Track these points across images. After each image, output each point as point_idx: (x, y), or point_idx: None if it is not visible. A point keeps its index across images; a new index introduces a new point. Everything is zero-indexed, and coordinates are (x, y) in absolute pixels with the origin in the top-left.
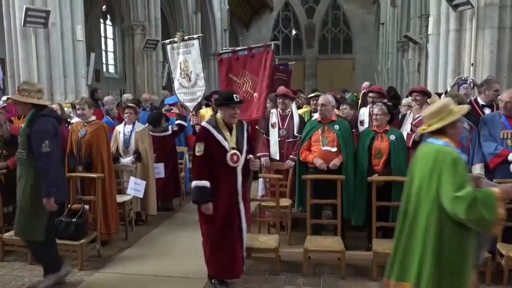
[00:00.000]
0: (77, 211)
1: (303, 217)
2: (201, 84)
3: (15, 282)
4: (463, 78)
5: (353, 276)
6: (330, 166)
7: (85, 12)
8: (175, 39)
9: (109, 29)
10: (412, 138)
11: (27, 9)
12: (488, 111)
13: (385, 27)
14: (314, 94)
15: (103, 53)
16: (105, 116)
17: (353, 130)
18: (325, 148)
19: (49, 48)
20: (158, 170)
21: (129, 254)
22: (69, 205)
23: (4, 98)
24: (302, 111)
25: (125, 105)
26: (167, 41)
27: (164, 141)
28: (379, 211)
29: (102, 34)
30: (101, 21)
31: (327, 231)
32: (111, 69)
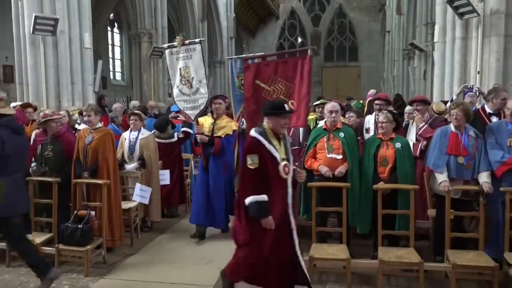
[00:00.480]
0: (83, 217)
1: (309, 224)
2: (203, 91)
3: (21, 287)
4: (469, 86)
5: (358, 284)
6: (336, 173)
7: (93, 20)
8: (174, 44)
9: (117, 37)
10: (419, 148)
11: (36, 17)
12: (495, 119)
13: (390, 34)
14: (320, 102)
15: (110, 60)
16: (110, 123)
17: (359, 138)
18: (330, 155)
19: (57, 55)
20: (163, 177)
21: (134, 260)
22: (75, 211)
23: (13, 104)
24: (308, 118)
25: (131, 112)
26: (165, 45)
27: (170, 148)
28: (385, 219)
29: (110, 42)
30: (109, 29)
31: (333, 239)
32: (118, 76)
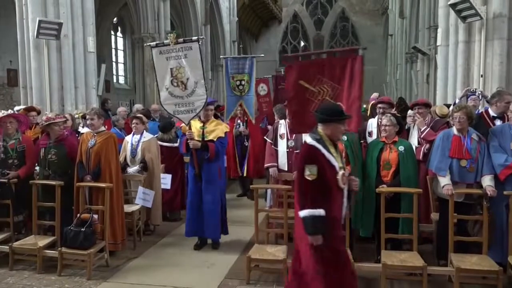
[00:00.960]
0: (86, 220)
1: None
2: (201, 93)
3: None
4: (472, 90)
5: None
6: None
7: (97, 24)
8: (164, 42)
9: (120, 41)
10: (422, 151)
11: (40, 21)
12: (499, 123)
13: (393, 38)
14: None
15: (114, 64)
16: (112, 127)
17: (361, 141)
18: None
19: (60, 59)
20: (164, 181)
21: (137, 264)
22: (78, 215)
23: (16, 108)
24: None
25: (132, 115)
26: (153, 43)
27: (172, 152)
28: (388, 223)
29: (113, 46)
30: (112, 33)
31: None
32: (121, 80)
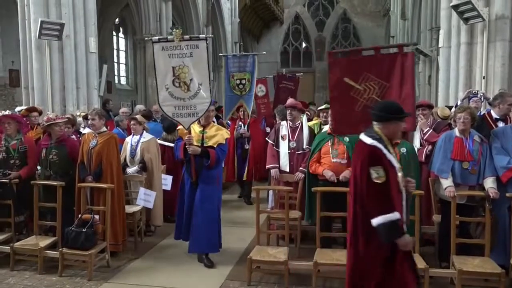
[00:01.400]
0: (87, 221)
1: (313, 229)
2: (205, 96)
3: None
4: (474, 91)
5: None
6: (340, 178)
7: (98, 25)
8: (168, 38)
9: (122, 42)
10: (424, 153)
11: (42, 22)
12: (501, 125)
13: (395, 40)
14: (324, 106)
15: (115, 65)
16: (115, 127)
17: None
18: (335, 160)
19: (62, 60)
20: (165, 182)
21: (138, 265)
22: (79, 215)
23: (18, 109)
24: (312, 123)
25: (130, 117)
26: (156, 38)
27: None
28: None
29: (115, 47)
30: (114, 33)
31: (337, 244)
32: (123, 80)
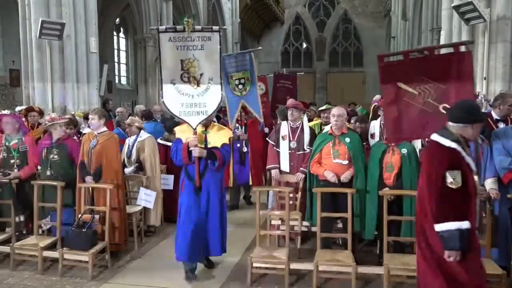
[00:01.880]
0: (87, 221)
1: (313, 230)
2: (216, 92)
3: None
4: (474, 93)
5: None
6: (342, 179)
7: (99, 25)
8: (178, 27)
9: (122, 41)
10: None
11: (43, 22)
12: (502, 126)
13: (396, 40)
14: (325, 107)
15: (116, 64)
16: (115, 127)
17: (364, 143)
18: (336, 161)
19: (63, 59)
20: (166, 182)
21: (138, 265)
22: (79, 215)
23: (18, 108)
24: (313, 123)
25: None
26: (162, 27)
27: None
28: (391, 225)
29: (115, 46)
30: (115, 33)
31: (338, 245)
32: (123, 80)
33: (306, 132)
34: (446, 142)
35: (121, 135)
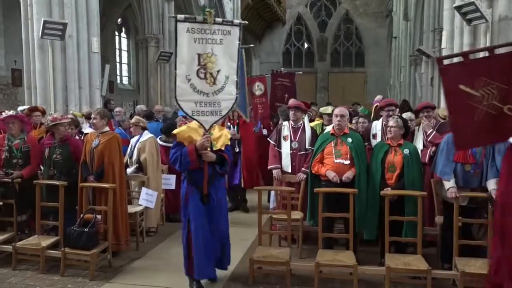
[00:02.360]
0: (89, 221)
1: (315, 230)
2: (232, 91)
3: None
4: None
5: None
6: (343, 179)
7: (101, 25)
8: (197, 18)
9: (124, 42)
10: (428, 154)
11: (45, 22)
12: None
13: (397, 40)
14: (330, 110)
15: (118, 65)
16: (117, 127)
17: (366, 144)
18: (338, 161)
19: (65, 59)
20: (168, 182)
21: (139, 265)
22: (81, 215)
23: (20, 108)
24: (314, 123)
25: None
26: (181, 16)
27: None
28: (392, 226)
29: (117, 46)
30: (116, 33)
31: (339, 245)
32: (125, 80)
33: (308, 132)
34: None
35: (122, 135)
